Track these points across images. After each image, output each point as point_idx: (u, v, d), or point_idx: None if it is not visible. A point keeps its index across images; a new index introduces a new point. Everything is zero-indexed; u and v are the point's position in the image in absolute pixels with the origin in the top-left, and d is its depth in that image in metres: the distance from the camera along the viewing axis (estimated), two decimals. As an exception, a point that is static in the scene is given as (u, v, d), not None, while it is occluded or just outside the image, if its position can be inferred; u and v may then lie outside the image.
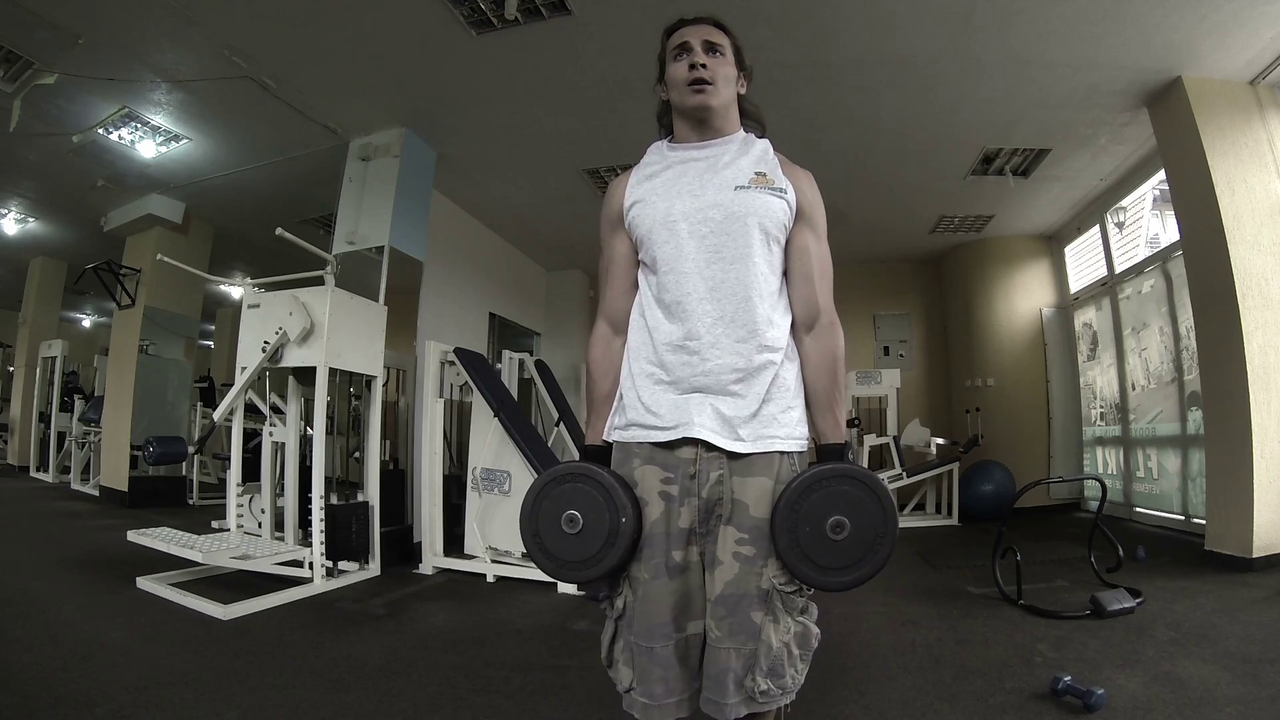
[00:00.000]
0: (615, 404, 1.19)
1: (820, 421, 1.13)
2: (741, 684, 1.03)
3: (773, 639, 1.04)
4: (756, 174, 1.12)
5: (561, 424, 4.72)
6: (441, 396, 3.76)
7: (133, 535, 2.99)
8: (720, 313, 1.08)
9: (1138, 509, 4.86)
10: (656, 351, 1.11)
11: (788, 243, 1.15)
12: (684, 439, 1.08)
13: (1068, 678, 1.80)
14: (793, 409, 1.11)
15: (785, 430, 1.09)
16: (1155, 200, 4.75)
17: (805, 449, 1.12)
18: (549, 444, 4.01)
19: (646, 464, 1.10)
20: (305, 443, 3.45)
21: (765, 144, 1.19)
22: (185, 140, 4.42)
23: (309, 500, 3.17)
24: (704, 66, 1.12)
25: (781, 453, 1.08)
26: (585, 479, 1.10)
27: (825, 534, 1.01)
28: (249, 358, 3.25)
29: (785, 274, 1.16)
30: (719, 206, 1.09)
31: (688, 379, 1.09)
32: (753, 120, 1.23)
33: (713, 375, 1.08)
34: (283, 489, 3.36)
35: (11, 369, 8.27)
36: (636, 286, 1.20)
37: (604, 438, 1.19)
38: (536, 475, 1.47)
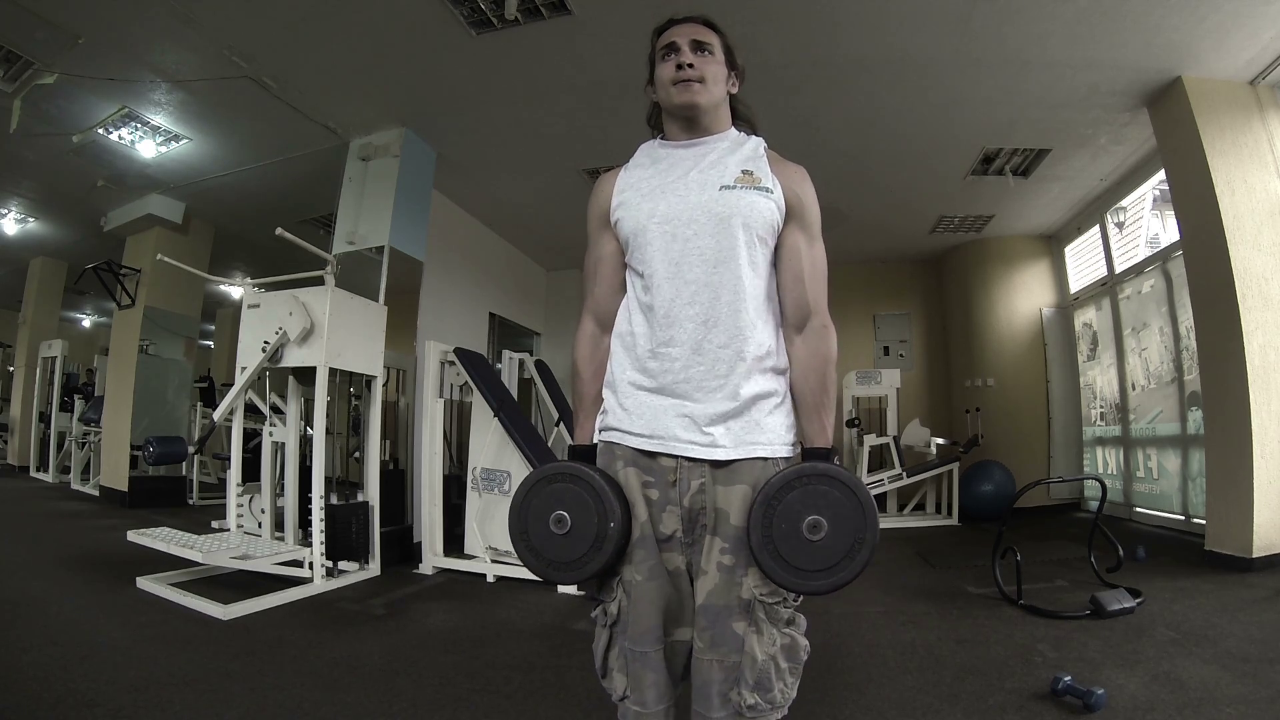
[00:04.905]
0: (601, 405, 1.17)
1: (806, 425, 1.10)
2: (727, 697, 1.00)
3: (757, 651, 1.00)
4: (743, 172, 1.08)
5: (561, 424, 4.73)
6: (441, 396, 3.76)
7: (133, 535, 2.99)
8: (704, 316, 1.05)
9: (1138, 509, 4.86)
10: (639, 357, 1.09)
11: (778, 243, 1.11)
12: (663, 452, 1.06)
13: (1068, 678, 1.80)
14: (778, 414, 1.08)
15: (769, 435, 1.06)
16: (1155, 200, 4.75)
17: (793, 454, 1.09)
18: (549, 444, 4.01)
19: (629, 466, 1.08)
20: (305, 443, 3.45)
21: (757, 141, 1.16)
22: (185, 140, 4.42)
23: (309, 500, 3.17)
24: (691, 66, 1.10)
25: (765, 459, 1.05)
26: (575, 479, 1.07)
27: (801, 534, 0.98)
28: (249, 358, 3.25)
29: (776, 275, 1.12)
30: (703, 207, 1.07)
31: (669, 385, 1.06)
32: (745, 122, 1.20)
33: (694, 381, 1.05)
34: (283, 489, 3.37)
35: (11, 369, 8.27)
36: (624, 285, 1.17)
37: (592, 439, 1.17)
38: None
